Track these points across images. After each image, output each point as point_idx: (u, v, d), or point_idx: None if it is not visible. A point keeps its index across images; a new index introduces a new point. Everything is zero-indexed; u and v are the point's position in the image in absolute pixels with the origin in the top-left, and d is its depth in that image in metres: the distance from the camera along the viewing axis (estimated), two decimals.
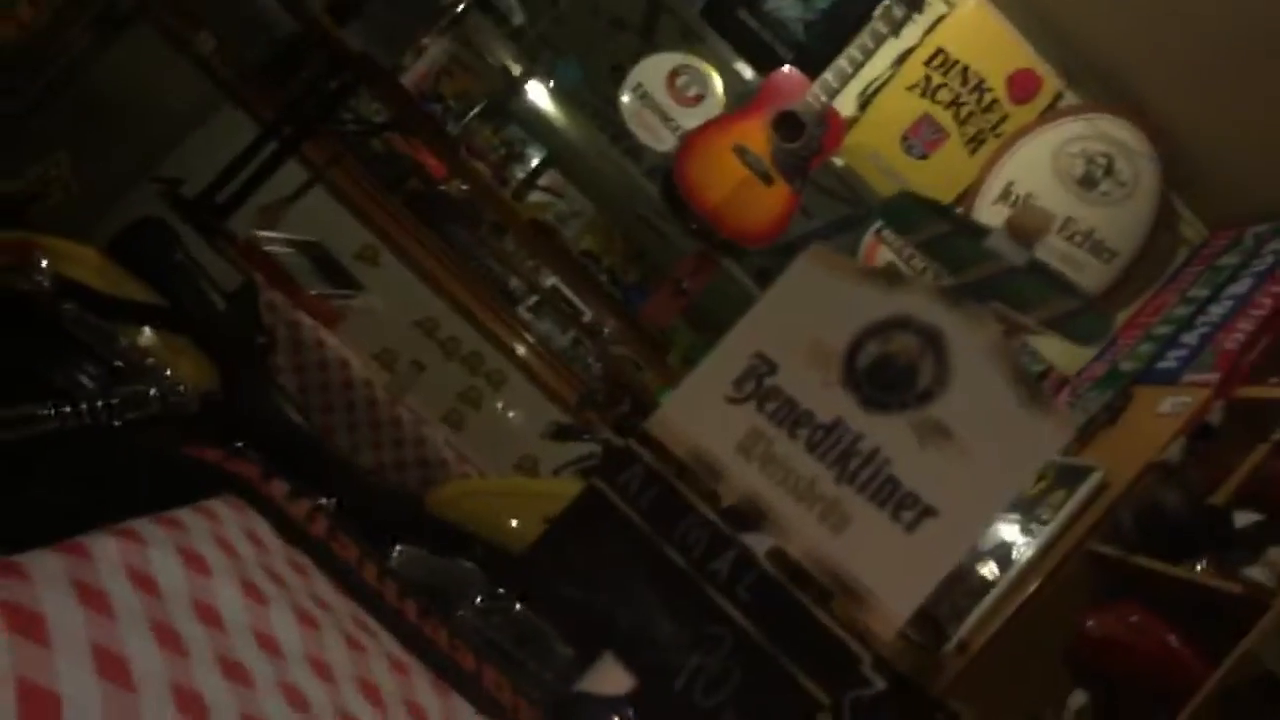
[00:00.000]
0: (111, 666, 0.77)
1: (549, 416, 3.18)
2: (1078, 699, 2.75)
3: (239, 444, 2.26)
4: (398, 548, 2.18)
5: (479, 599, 2.20)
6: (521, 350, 3.33)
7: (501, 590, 2.22)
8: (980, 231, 0.93)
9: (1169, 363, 3.25)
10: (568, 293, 3.99)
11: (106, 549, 0.90)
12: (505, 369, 3.25)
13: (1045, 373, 3.61)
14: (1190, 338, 3.27)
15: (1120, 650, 2.68)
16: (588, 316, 3.95)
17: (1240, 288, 3.31)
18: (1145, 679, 2.57)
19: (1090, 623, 2.79)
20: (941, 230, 0.94)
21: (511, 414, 3.21)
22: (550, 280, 3.99)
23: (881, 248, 4.13)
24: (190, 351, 2.24)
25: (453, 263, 3.40)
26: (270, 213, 2.96)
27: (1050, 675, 2.80)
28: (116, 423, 2.04)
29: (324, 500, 2.21)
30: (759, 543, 0.88)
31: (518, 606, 2.22)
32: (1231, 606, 2.39)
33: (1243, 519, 2.65)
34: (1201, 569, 2.58)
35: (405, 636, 1.26)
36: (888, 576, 0.83)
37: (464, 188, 3.77)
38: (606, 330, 3.79)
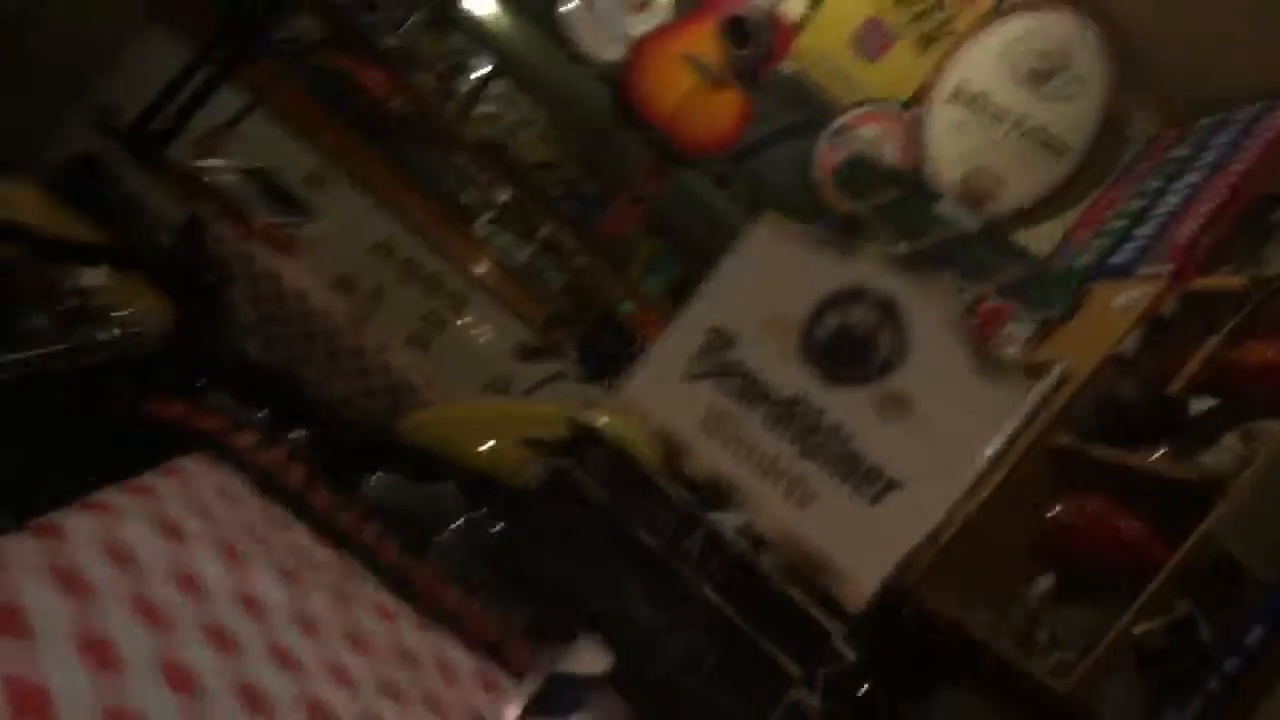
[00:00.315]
0: (97, 650, 0.76)
1: (514, 334, 3.16)
2: (1042, 583, 2.85)
3: (202, 383, 2.23)
4: (375, 475, 2.17)
5: (458, 522, 2.21)
6: (481, 269, 3.28)
7: (479, 512, 2.23)
8: (931, 196, 0.91)
9: (1123, 257, 3.28)
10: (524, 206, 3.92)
11: (80, 527, 0.87)
12: (466, 289, 3.20)
13: None
14: (1143, 231, 3.30)
15: (1082, 537, 2.76)
16: (545, 230, 3.89)
17: (1191, 179, 3.33)
18: (1107, 563, 2.65)
19: (1053, 511, 2.87)
20: (893, 196, 0.92)
21: (477, 334, 3.18)
22: (505, 194, 3.91)
23: (836, 154, 4.09)
24: (144, 290, 2.19)
25: (405, 182, 3.32)
26: (210, 141, 2.85)
27: (1016, 563, 2.89)
28: (74, 368, 2.00)
29: (295, 433, 2.21)
30: (728, 520, 0.87)
31: (496, 527, 2.23)
32: (1188, 492, 2.46)
33: (1198, 405, 2.72)
34: (1158, 457, 2.65)
35: (388, 580, 1.25)
36: (854, 550, 0.83)
37: (409, 104, 3.65)
38: (566, 245, 3.74)
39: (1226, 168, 3.26)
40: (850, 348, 0.88)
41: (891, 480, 0.84)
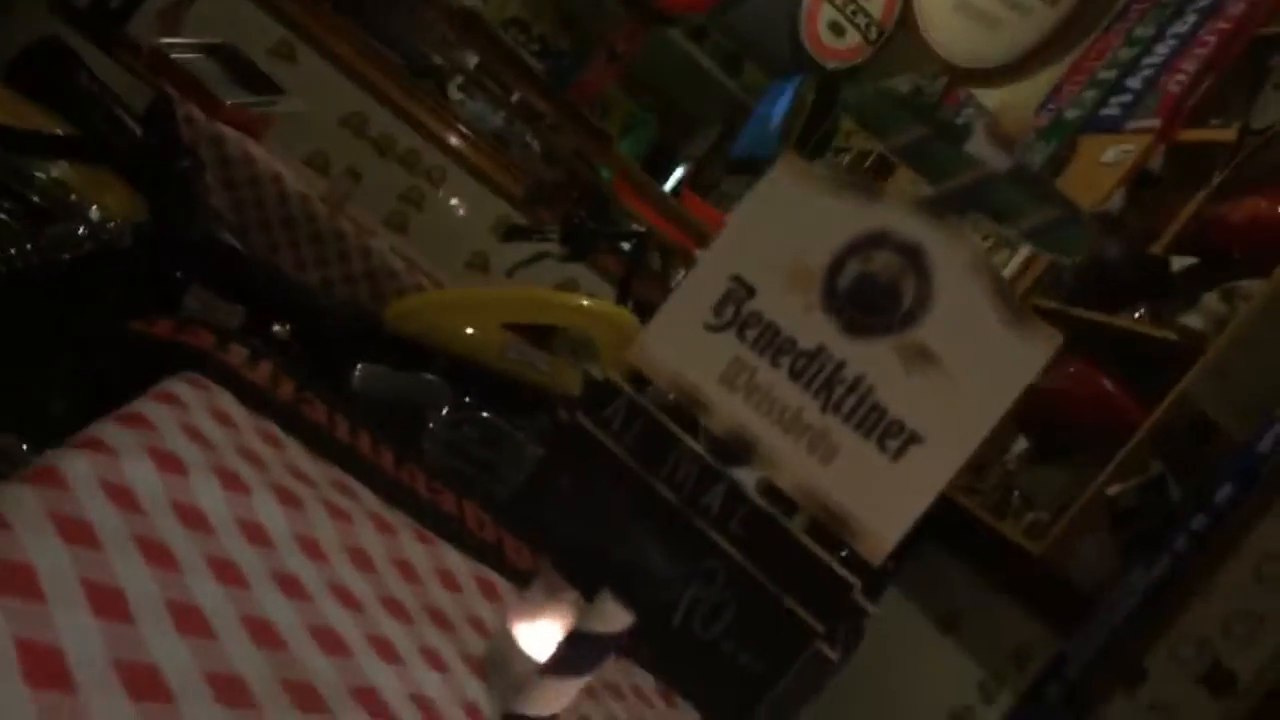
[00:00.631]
0: (107, 601, 0.77)
1: (494, 210, 3.10)
2: (1018, 445, 2.91)
3: (179, 274, 2.21)
4: (359, 366, 2.18)
5: (446, 410, 2.24)
6: (455, 140, 3.20)
7: (467, 399, 2.25)
8: (960, 135, 0.88)
9: (1112, 109, 3.23)
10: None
11: (78, 469, 0.88)
12: (443, 163, 3.13)
13: None
14: (1134, 82, 3.23)
15: (1059, 398, 2.80)
16: (518, 95, 3.78)
17: (1184, 26, 3.24)
18: (1085, 424, 2.71)
19: None
20: (919, 134, 0.88)
21: (455, 210, 3.13)
22: (475, 58, 3.78)
23: (825, 4, 3.94)
24: (113, 182, 2.14)
25: (374, 50, 3.20)
26: (170, 15, 2.73)
27: (996, 426, 2.94)
28: (46, 268, 1.98)
29: (277, 326, 2.20)
30: (747, 475, 0.87)
31: (484, 413, 2.26)
32: (1167, 352, 2.50)
33: (1180, 264, 2.73)
34: (1138, 317, 2.67)
35: (386, 491, 1.27)
36: (875, 505, 0.84)
37: None
38: (540, 108, 3.64)
39: (1220, 13, 3.17)
40: (872, 296, 0.86)
41: (914, 434, 0.84)
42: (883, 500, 0.84)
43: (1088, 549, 2.26)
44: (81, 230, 2.02)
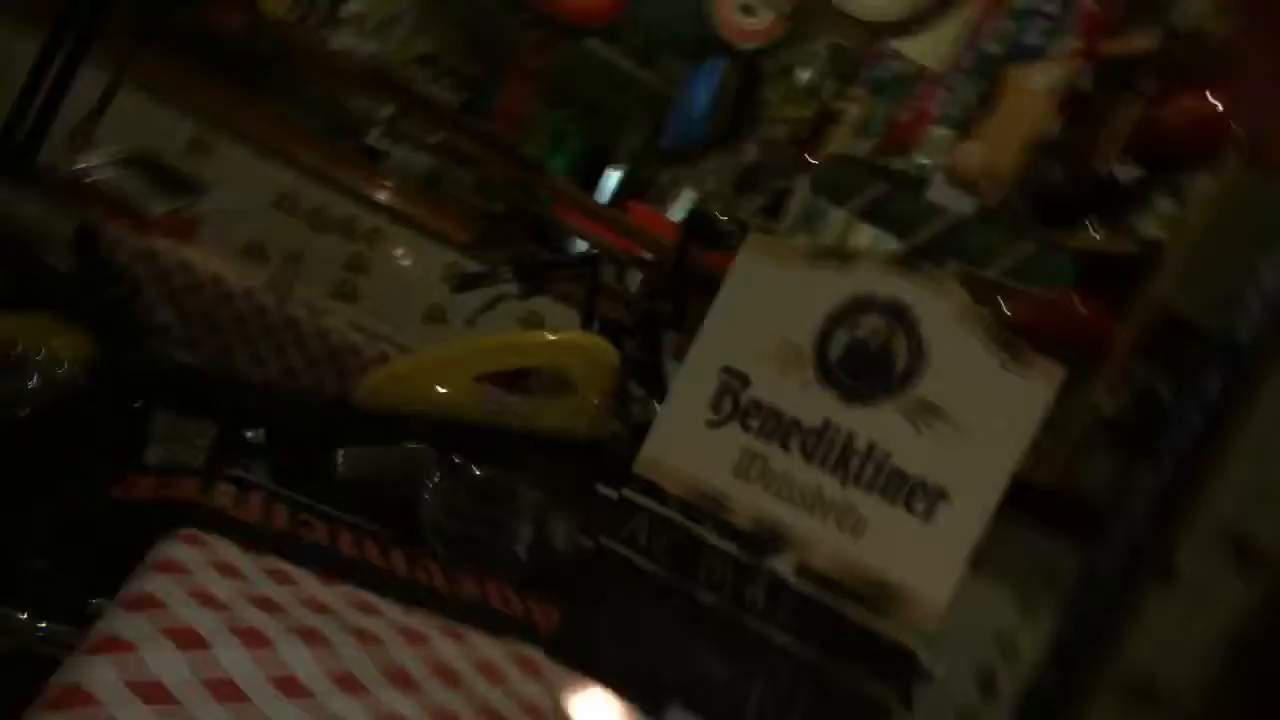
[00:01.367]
0: None
1: (440, 259, 3.07)
2: None
3: (139, 404, 2.16)
4: (341, 452, 2.15)
5: (438, 476, 2.20)
6: (386, 197, 3.15)
7: (456, 460, 2.22)
8: (918, 183, 0.87)
9: (1033, 38, 3.23)
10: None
11: (103, 678, 0.85)
12: (380, 223, 3.08)
13: (919, 73, 3.55)
14: (1051, 6, 3.23)
15: (1040, 327, 2.80)
16: (439, 135, 3.73)
17: None
18: (1067, 349, 2.70)
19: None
20: (879, 191, 0.87)
21: (401, 267, 3.08)
22: (390, 108, 3.74)
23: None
24: (54, 325, 2.08)
25: (289, 124, 3.15)
26: (80, 134, 2.66)
27: None
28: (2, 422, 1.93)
29: (250, 433, 2.16)
30: (783, 562, 0.86)
31: (476, 470, 2.23)
32: (1130, 262, 2.51)
33: (1126, 175, 2.74)
34: (1097, 235, 2.68)
35: (405, 596, 1.25)
36: (916, 569, 0.83)
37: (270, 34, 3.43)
38: (463, 145, 3.60)
39: None
40: (866, 362, 0.85)
41: (939, 491, 0.83)
42: (923, 563, 0.83)
43: (1095, 467, 2.27)
44: (34, 382, 1.97)
